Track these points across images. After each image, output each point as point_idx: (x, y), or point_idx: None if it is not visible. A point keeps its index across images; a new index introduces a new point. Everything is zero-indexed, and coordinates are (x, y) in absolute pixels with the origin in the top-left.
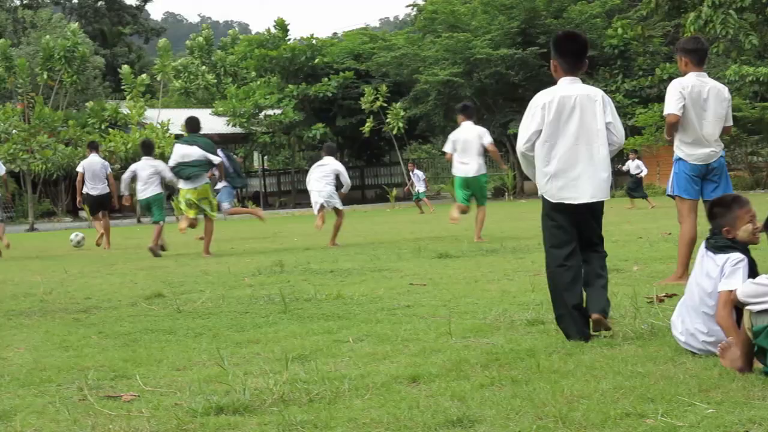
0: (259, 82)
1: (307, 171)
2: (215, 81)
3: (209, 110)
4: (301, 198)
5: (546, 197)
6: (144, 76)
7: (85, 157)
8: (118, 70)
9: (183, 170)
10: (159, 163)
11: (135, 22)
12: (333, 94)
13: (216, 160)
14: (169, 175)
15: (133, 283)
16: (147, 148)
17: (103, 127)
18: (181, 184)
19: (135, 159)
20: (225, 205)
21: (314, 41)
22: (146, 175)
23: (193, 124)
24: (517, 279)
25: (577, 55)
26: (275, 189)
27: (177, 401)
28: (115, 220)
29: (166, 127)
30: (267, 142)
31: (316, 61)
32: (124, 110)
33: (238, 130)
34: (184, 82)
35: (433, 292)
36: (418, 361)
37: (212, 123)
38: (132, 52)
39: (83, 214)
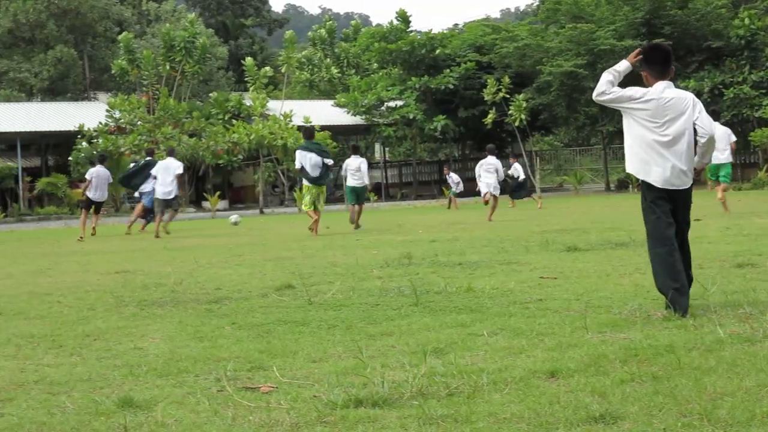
0: (380, 74)
1: (428, 162)
2: (339, 73)
3: (331, 101)
4: (423, 189)
5: (647, 181)
6: (267, 68)
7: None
8: (241, 61)
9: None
10: (363, 160)
11: (257, 14)
12: (454, 86)
13: (329, 162)
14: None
15: (262, 274)
16: (355, 149)
17: (226, 118)
18: (305, 182)
19: (258, 150)
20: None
21: (434, 34)
22: (354, 169)
23: (309, 133)
24: (649, 273)
25: (664, 63)
26: (396, 180)
27: (315, 393)
28: (239, 210)
29: (288, 119)
30: (389, 134)
31: (437, 52)
32: (248, 101)
33: (359, 121)
34: (308, 73)
35: (564, 286)
36: (555, 356)
37: (334, 114)
38: (254, 44)
39: (207, 204)
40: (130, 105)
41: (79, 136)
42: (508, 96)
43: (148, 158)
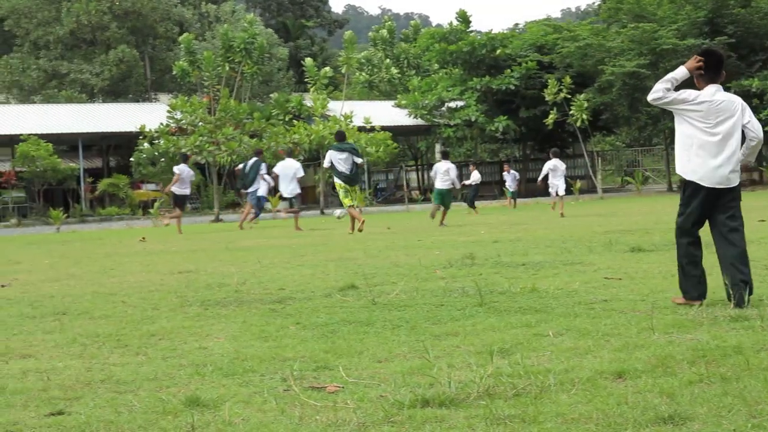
0: (441, 74)
1: (489, 163)
2: (399, 74)
3: (391, 102)
4: (484, 190)
5: (692, 180)
6: (327, 68)
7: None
8: (302, 62)
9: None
10: (452, 165)
11: (318, 14)
12: (515, 86)
13: (359, 161)
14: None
15: (324, 275)
16: (445, 155)
17: (287, 119)
18: (337, 180)
19: (319, 151)
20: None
21: (494, 34)
22: (443, 172)
23: (340, 136)
24: (715, 274)
25: (716, 68)
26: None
27: (381, 393)
28: (303, 211)
29: (349, 119)
30: (450, 135)
31: (498, 52)
32: (308, 102)
33: (420, 122)
34: (368, 74)
35: (629, 287)
36: (621, 357)
37: (395, 115)
38: (314, 45)
39: (267, 205)
40: (191, 106)
41: (140, 137)
42: (569, 96)
43: (255, 159)
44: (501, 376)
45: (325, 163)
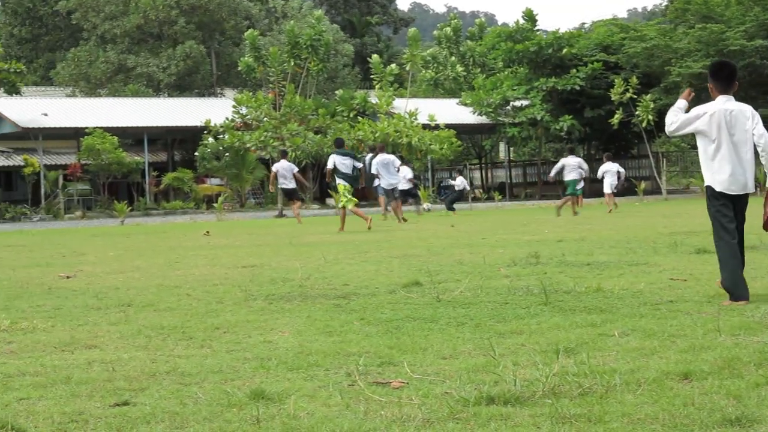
0: (506, 73)
1: (553, 162)
2: (464, 72)
3: (456, 100)
4: (547, 190)
5: (712, 186)
6: (393, 65)
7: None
8: (368, 59)
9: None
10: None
11: (384, 12)
12: (581, 86)
13: (359, 165)
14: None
15: (388, 271)
16: (571, 151)
17: (351, 115)
18: (341, 181)
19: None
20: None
21: (561, 34)
22: (574, 165)
23: (340, 143)
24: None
25: (729, 79)
26: (520, 180)
27: (446, 390)
28: (362, 207)
29: (414, 117)
30: (514, 134)
31: (564, 52)
32: (373, 99)
33: (484, 120)
34: (433, 72)
35: (695, 288)
36: (688, 358)
37: (459, 113)
38: (380, 42)
39: (331, 201)
40: (256, 101)
41: (205, 132)
42: (635, 96)
43: (370, 154)
44: (566, 375)
45: (329, 165)
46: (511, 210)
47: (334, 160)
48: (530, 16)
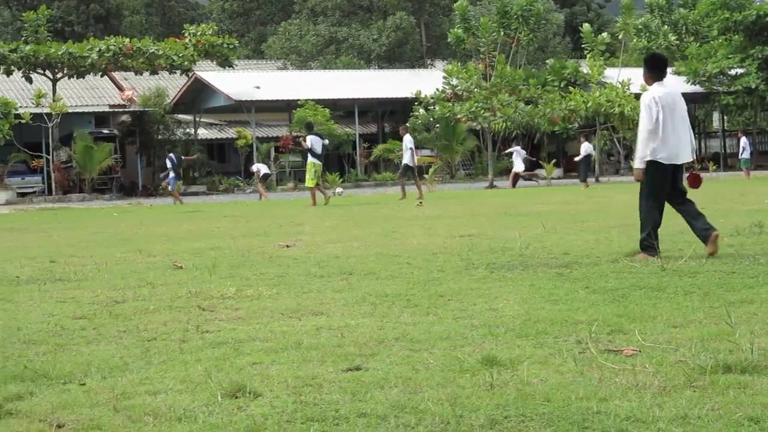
0: (720, 41)
1: None
2: (677, 40)
3: (669, 69)
4: (763, 160)
5: (658, 161)
6: (604, 35)
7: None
8: (578, 28)
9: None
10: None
11: None
12: None
13: (326, 142)
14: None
15: (608, 240)
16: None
17: (562, 85)
18: (313, 159)
19: (596, 118)
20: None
21: None
22: None
23: (311, 126)
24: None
25: (661, 69)
26: (735, 150)
27: (680, 358)
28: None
29: (626, 87)
30: (729, 102)
31: None
32: (584, 69)
33: (697, 89)
34: (645, 40)
35: None
36: None
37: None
38: (590, 11)
39: (542, 172)
40: (466, 72)
41: (416, 103)
42: None
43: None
44: None
45: (307, 144)
46: (726, 180)
47: (313, 142)
48: None
